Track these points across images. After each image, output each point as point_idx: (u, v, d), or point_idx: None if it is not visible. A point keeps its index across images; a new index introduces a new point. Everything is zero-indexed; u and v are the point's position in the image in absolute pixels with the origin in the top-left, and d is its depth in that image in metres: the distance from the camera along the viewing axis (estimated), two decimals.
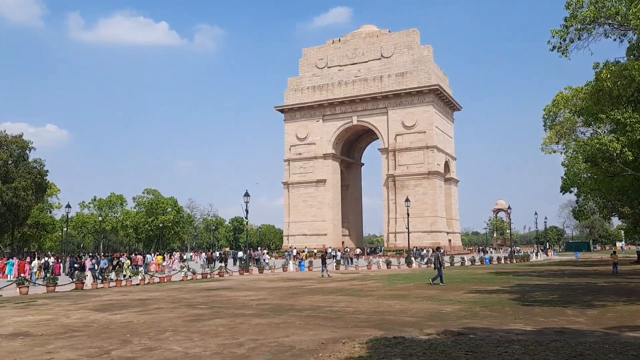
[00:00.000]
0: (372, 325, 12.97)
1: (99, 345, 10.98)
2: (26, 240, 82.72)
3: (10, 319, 15.62)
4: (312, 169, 79.75)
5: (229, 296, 21.90)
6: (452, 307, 16.27)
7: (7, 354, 10.20)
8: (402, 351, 9.50)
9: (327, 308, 16.85)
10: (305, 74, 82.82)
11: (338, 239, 79.54)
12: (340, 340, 10.84)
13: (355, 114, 78.17)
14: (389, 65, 77.37)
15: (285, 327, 12.95)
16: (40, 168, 57.85)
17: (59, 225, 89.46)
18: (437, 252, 28.13)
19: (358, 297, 20.44)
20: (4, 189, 51.18)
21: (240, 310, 16.60)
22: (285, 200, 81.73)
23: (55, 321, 14.92)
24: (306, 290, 24.46)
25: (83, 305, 19.01)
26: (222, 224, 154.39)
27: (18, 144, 56.35)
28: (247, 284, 29.50)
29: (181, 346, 10.64)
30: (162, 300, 20.64)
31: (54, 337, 12.16)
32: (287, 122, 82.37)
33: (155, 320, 14.60)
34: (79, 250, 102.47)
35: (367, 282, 28.54)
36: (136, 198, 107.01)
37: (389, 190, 75.25)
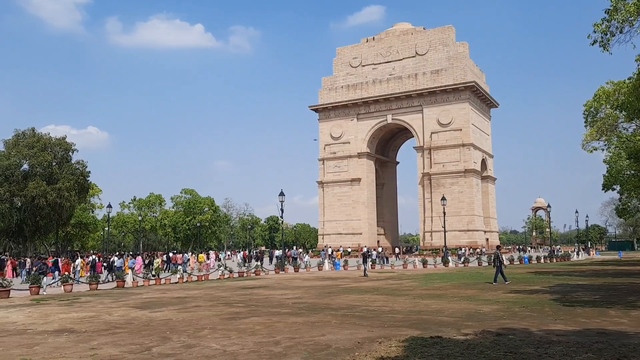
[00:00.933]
0: (408, 324, 12.89)
1: (140, 342, 11.25)
2: (70, 239, 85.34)
3: (55, 315, 16.15)
4: (346, 168, 79.66)
5: (265, 295, 22.11)
6: (490, 307, 16.02)
7: (53, 349, 10.56)
8: (440, 351, 9.42)
9: (363, 307, 16.83)
10: (339, 73, 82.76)
11: (373, 238, 79.26)
12: (377, 339, 10.82)
13: (389, 112, 77.70)
14: (423, 62, 76.63)
15: (321, 326, 12.99)
16: (82, 169, 59.49)
17: (100, 224, 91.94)
18: (497, 250, 27.49)
19: (394, 296, 20.34)
20: (48, 190, 52.83)
21: (276, 309, 16.74)
22: (320, 199, 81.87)
23: (98, 318, 15.35)
24: (342, 289, 24.47)
25: (124, 303, 19.50)
26: (257, 223, 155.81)
27: (61, 146, 58.10)
28: (283, 282, 29.70)
29: (219, 344, 10.80)
30: (200, 298, 20.99)
31: (97, 333, 12.51)
32: (321, 121, 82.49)
33: (194, 318, 14.86)
34: (119, 249, 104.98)
35: (403, 282, 28.37)
36: (174, 198, 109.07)
37: (425, 189, 74.54)
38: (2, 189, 51.86)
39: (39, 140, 56.43)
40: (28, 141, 55.87)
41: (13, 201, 52.75)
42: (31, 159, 54.31)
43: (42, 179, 53.97)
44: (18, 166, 53.89)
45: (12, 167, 53.29)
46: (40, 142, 56.09)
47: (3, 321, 15.06)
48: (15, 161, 53.88)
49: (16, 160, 54.01)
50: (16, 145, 55.67)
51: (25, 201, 52.57)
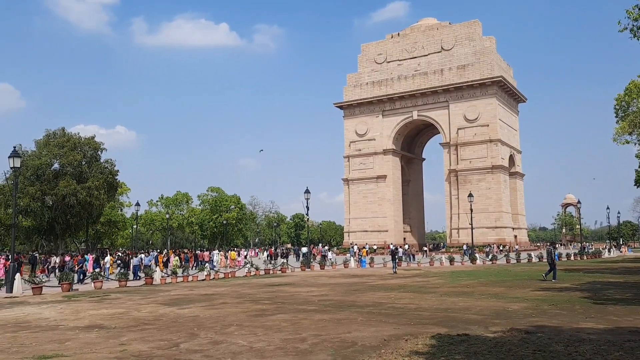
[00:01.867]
0: (435, 322, 12.78)
1: (168, 338, 11.40)
2: (99, 237, 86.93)
3: (86, 312, 16.47)
4: (372, 165, 79.38)
5: (291, 292, 22.18)
6: (518, 305, 15.78)
7: (84, 345, 10.77)
8: (467, 349, 9.31)
9: (389, 305, 16.75)
10: (364, 70, 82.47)
11: (399, 235, 78.85)
12: (403, 337, 10.75)
13: (415, 109, 77.15)
14: (449, 57, 75.82)
15: (347, 323, 12.97)
16: (111, 168, 60.47)
17: (129, 222, 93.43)
18: (550, 247, 26.98)
19: (420, 293, 20.19)
20: (78, 189, 53.87)
21: (302, 306, 16.77)
22: (345, 197, 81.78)
23: (127, 314, 15.60)
24: (368, 286, 24.41)
25: (153, 300, 19.78)
26: (283, 221, 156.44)
27: (91, 145, 59.15)
28: (308, 280, 29.76)
29: (246, 340, 10.87)
30: (227, 295, 21.16)
31: (127, 329, 12.72)
32: (346, 118, 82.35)
33: (221, 315, 14.99)
34: (147, 246, 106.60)
35: (429, 279, 28.16)
36: (201, 196, 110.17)
37: (451, 186, 73.84)
38: (33, 188, 53.08)
39: (69, 139, 57.56)
40: (58, 141, 57.05)
41: (44, 200, 53.89)
42: (61, 159, 55.43)
43: (73, 177, 55.07)
44: (49, 165, 55.02)
45: (43, 167, 54.48)
46: (70, 141, 57.22)
47: (36, 317, 15.43)
48: (46, 160, 55.06)
49: (47, 159, 55.20)
50: (47, 145, 56.90)
51: (56, 200, 53.71)
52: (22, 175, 50.96)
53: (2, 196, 55.34)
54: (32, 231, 61.51)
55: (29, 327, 13.38)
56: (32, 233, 62.51)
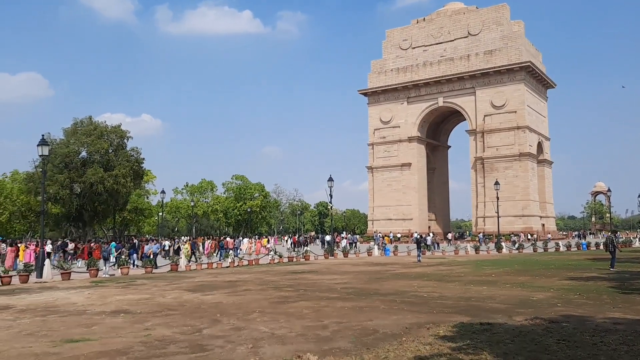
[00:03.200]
0: (458, 311, 12.68)
1: (192, 323, 11.54)
2: (126, 224, 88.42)
3: (112, 297, 16.79)
4: (396, 153, 78.86)
5: (313, 279, 22.25)
6: (544, 294, 15.54)
7: (111, 329, 10.99)
8: (490, 338, 9.20)
9: (411, 293, 16.67)
10: (389, 56, 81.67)
11: (424, 224, 78.38)
12: (425, 325, 10.69)
13: (440, 95, 76.23)
14: (476, 43, 74.56)
15: (369, 311, 12.95)
16: (137, 156, 61.26)
17: (155, 210, 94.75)
18: (612, 235, 26.32)
19: (444, 282, 20.06)
20: (105, 176, 54.77)
21: (324, 294, 16.81)
22: (369, 185, 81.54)
23: (152, 300, 15.86)
24: (391, 275, 24.35)
25: (177, 286, 20.06)
26: (307, 209, 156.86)
27: (117, 134, 59.98)
28: (331, 267, 29.82)
29: (268, 327, 10.94)
30: (250, 282, 21.33)
31: (151, 315, 12.92)
32: (370, 105, 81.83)
33: (244, 302, 15.12)
34: (173, 234, 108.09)
35: (453, 268, 27.94)
36: (225, 184, 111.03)
37: (477, 173, 72.99)
38: (62, 175, 54.13)
39: (96, 128, 58.44)
40: (86, 129, 57.97)
41: (73, 187, 54.95)
42: (89, 147, 56.37)
43: (100, 165, 55.99)
44: (77, 153, 56.05)
45: (72, 155, 55.49)
46: (97, 130, 58.10)
47: (64, 302, 15.79)
48: (74, 149, 56.06)
49: (75, 147, 56.19)
50: (74, 133, 57.87)
51: (84, 187, 54.71)
52: (51, 163, 51.95)
53: (32, 184, 56.67)
54: (61, 218, 62.82)
55: (57, 312, 13.70)
56: (61, 220, 63.85)
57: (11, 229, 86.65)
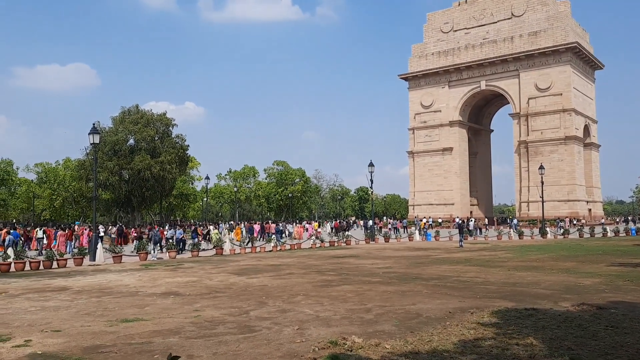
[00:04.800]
0: (502, 296, 12.64)
1: (239, 305, 11.92)
2: (172, 209, 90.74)
3: (162, 279, 17.42)
4: (437, 137, 77.92)
5: (356, 264, 22.45)
6: (591, 280, 15.28)
7: (162, 310, 11.47)
8: (535, 323, 9.18)
9: (454, 278, 16.67)
10: (430, 40, 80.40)
11: (466, 209, 77.40)
12: (469, 309, 10.73)
13: (483, 79, 74.67)
14: (520, 24, 72.51)
15: (412, 295, 13.06)
16: (182, 143, 62.71)
17: (199, 195, 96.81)
18: None
19: (487, 267, 19.92)
20: (152, 163, 56.34)
21: (367, 278, 16.99)
22: (410, 170, 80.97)
23: (200, 283, 16.39)
24: (433, 259, 24.31)
25: (223, 269, 20.61)
26: (347, 194, 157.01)
27: (162, 122, 61.49)
28: (373, 252, 29.96)
29: (312, 309, 11.20)
30: (294, 266, 21.71)
31: (200, 297, 13.39)
32: (411, 90, 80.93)
33: (288, 285, 15.45)
34: (217, 218, 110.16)
35: (497, 253, 27.65)
36: (267, 169, 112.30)
37: (521, 157, 71.41)
38: (111, 162, 55.96)
39: (143, 116, 60.04)
40: (133, 117, 59.63)
41: (122, 174, 56.79)
42: (136, 134, 58.04)
43: (147, 152, 57.60)
44: (125, 141, 57.78)
45: (120, 142, 57.26)
46: (143, 118, 59.69)
47: (118, 284, 16.49)
48: (123, 136, 57.80)
49: (123, 135, 57.94)
50: (122, 121, 59.64)
51: (132, 174, 56.44)
52: (101, 151, 53.76)
53: (84, 170, 58.83)
54: (111, 204, 65.05)
55: (111, 293, 14.35)
56: (111, 205, 66.14)
57: (64, 214, 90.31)
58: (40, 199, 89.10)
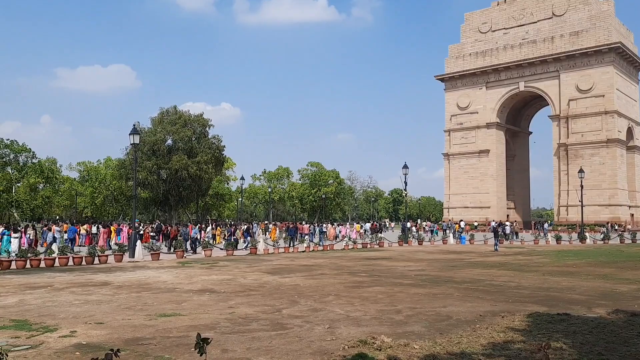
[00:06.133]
0: (535, 301, 12.57)
1: (272, 303, 12.21)
2: (208, 209, 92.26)
3: (198, 277, 17.90)
4: (474, 139, 77.01)
5: (388, 266, 22.51)
6: (628, 287, 15.00)
7: (198, 306, 11.86)
8: (566, 328, 9.15)
9: (487, 282, 16.59)
10: (467, 40, 79.55)
11: (502, 212, 76.26)
12: (500, 313, 10.73)
13: (522, 80, 73.45)
14: (561, 24, 71.05)
15: (443, 297, 13.10)
16: (218, 144, 63.76)
17: (235, 195, 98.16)
18: None
19: (521, 272, 19.72)
20: (189, 163, 57.51)
21: (398, 280, 17.07)
22: (445, 172, 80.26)
23: (234, 281, 16.78)
24: (466, 263, 24.16)
25: (257, 268, 21.00)
26: (381, 196, 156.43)
27: (199, 122, 62.65)
28: (406, 254, 29.92)
29: (343, 309, 11.39)
30: (326, 266, 21.93)
31: (234, 294, 13.75)
32: (447, 91, 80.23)
33: (320, 285, 15.68)
34: (251, 218, 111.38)
35: (532, 257, 27.27)
36: (301, 170, 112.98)
37: (560, 161, 69.93)
38: (150, 162, 57.34)
39: (180, 117, 61.32)
40: (171, 118, 60.97)
41: (160, 173, 58.10)
42: (174, 135, 59.30)
43: (184, 153, 58.81)
44: (163, 141, 59.11)
45: (158, 142, 58.60)
46: (181, 118, 60.96)
47: (156, 280, 17.03)
48: (161, 137, 59.15)
49: (161, 135, 59.29)
50: (161, 122, 61.04)
51: (169, 173, 57.70)
52: (140, 151, 55.12)
53: (123, 170, 60.52)
54: (150, 202, 66.65)
55: (150, 289, 14.86)
56: (149, 204, 67.78)
57: (105, 212, 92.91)
58: (82, 196, 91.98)
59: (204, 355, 3.14)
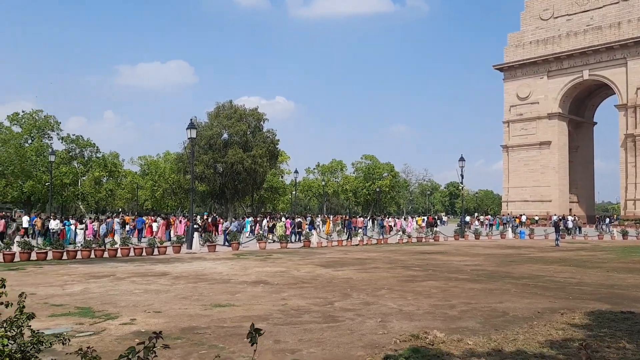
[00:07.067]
0: (597, 298, 12.05)
1: (324, 296, 12.26)
2: (263, 202, 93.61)
3: (252, 269, 18.20)
4: (534, 131, 74.41)
5: (443, 260, 22.17)
6: None
7: (252, 297, 12.06)
8: (630, 327, 8.72)
9: (547, 278, 16.05)
10: (528, 28, 76.78)
11: (564, 206, 73.43)
12: (559, 310, 10.36)
13: (586, 68, 70.25)
14: (629, 8, 67.39)
15: (500, 293, 12.77)
16: (272, 137, 64.47)
17: (289, 189, 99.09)
18: None
19: (584, 268, 18.96)
20: (244, 157, 58.45)
21: (453, 275, 16.77)
22: (504, 165, 78.04)
23: (287, 273, 16.96)
24: (525, 258, 23.47)
25: (310, 261, 21.14)
26: (437, 189, 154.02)
27: (254, 116, 63.51)
28: (462, 249, 29.37)
29: (395, 303, 11.30)
30: (379, 260, 21.82)
31: (287, 286, 13.89)
32: (506, 81, 77.82)
33: (372, 279, 15.61)
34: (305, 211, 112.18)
35: (596, 253, 26.17)
36: (355, 163, 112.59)
37: (628, 152, 66.53)
38: (207, 156, 58.67)
39: (236, 111, 62.35)
40: (227, 113, 62.09)
41: (216, 167, 59.35)
42: (230, 129, 60.39)
43: (239, 146, 59.80)
44: (219, 135, 60.31)
45: (215, 137, 59.83)
46: (236, 113, 61.98)
47: (212, 271, 17.45)
48: (217, 131, 60.36)
49: (218, 130, 60.50)
50: (217, 116, 62.27)
51: (225, 167, 58.85)
52: (197, 145, 56.46)
53: (181, 163, 62.26)
54: (207, 195, 68.30)
55: (206, 280, 15.24)
56: (206, 197, 69.45)
57: (164, 204, 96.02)
58: (143, 189, 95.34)
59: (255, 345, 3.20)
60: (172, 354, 7.00)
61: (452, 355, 6.99)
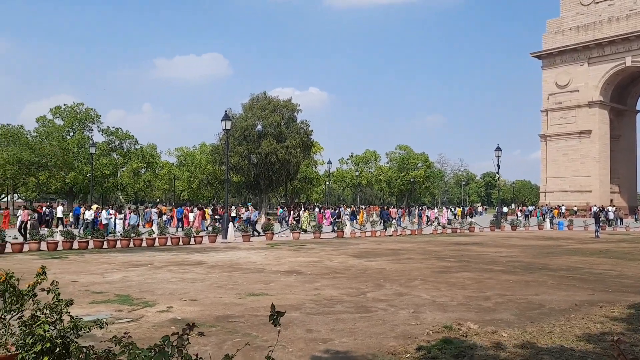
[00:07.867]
0: (638, 291, 11.73)
1: (357, 286, 12.28)
2: (297, 192, 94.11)
3: (286, 259, 18.36)
4: (574, 119, 72.47)
5: (478, 251, 21.90)
6: None
7: (285, 287, 12.18)
8: None
9: (585, 270, 15.69)
10: (567, 14, 74.60)
11: (605, 196, 71.43)
12: (597, 303, 10.13)
13: (628, 54, 67.89)
14: None
15: (536, 285, 12.56)
16: (306, 128, 64.64)
17: (322, 179, 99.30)
18: None
19: (625, 260, 18.46)
20: (278, 148, 58.83)
21: (488, 266, 16.56)
22: (542, 154, 76.32)
23: (320, 263, 17.04)
24: (563, 250, 22.98)
25: (343, 251, 21.19)
26: (473, 179, 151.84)
27: (288, 107, 63.77)
28: (497, 240, 28.95)
29: (429, 294, 11.24)
30: (413, 251, 21.71)
31: (320, 276, 13.97)
32: (545, 68, 75.91)
33: (406, 269, 15.56)
34: (339, 202, 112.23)
35: (638, 245, 25.46)
36: (389, 154, 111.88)
37: None
38: (241, 147, 59.29)
39: (270, 102, 62.74)
40: (261, 104, 62.53)
41: (250, 158, 59.94)
42: (264, 120, 60.80)
43: (273, 138, 60.20)
44: (253, 127, 60.80)
45: (249, 128, 60.36)
46: (270, 104, 62.37)
47: (246, 261, 17.69)
48: (251, 122, 60.86)
49: (252, 121, 61.00)
50: (251, 108, 62.80)
51: (260, 158, 59.38)
52: (232, 136, 57.09)
53: (217, 154, 63.08)
54: (241, 186, 69.10)
55: (240, 269, 15.46)
56: (241, 187, 70.26)
57: (200, 195, 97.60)
58: (180, 180, 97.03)
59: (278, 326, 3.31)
60: (207, 341, 7.15)
61: (486, 348, 6.93)
